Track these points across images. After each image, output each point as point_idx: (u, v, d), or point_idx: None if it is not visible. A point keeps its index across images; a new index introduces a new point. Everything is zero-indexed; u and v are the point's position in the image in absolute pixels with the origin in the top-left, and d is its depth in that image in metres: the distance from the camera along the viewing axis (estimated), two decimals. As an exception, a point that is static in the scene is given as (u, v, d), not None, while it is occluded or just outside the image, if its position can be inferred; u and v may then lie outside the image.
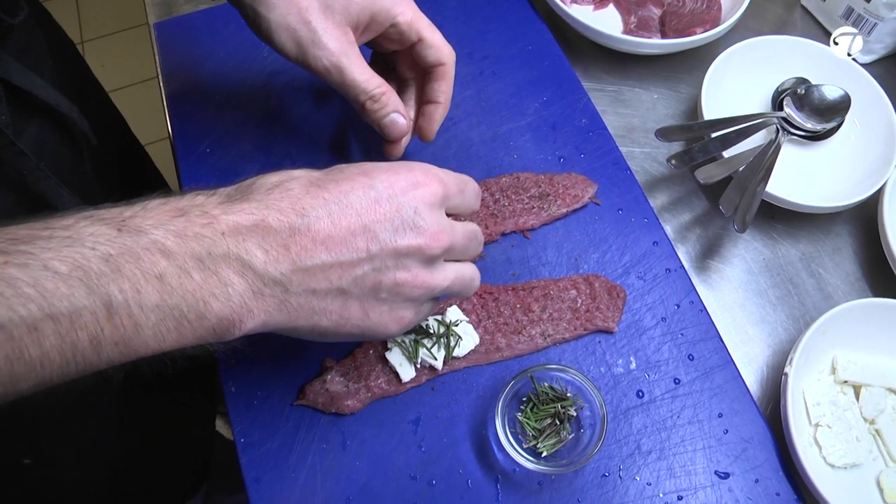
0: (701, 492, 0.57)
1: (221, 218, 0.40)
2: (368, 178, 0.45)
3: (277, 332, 0.45)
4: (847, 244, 0.71)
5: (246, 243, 0.40)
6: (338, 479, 0.57)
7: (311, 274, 0.42)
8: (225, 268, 0.40)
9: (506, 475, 0.58)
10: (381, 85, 0.59)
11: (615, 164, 0.71)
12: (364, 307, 0.45)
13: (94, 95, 0.74)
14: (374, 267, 0.44)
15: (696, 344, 0.63)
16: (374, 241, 0.43)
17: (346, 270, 0.43)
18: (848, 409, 0.62)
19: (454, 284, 0.49)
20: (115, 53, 2.11)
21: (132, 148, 0.89)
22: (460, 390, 0.61)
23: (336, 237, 0.42)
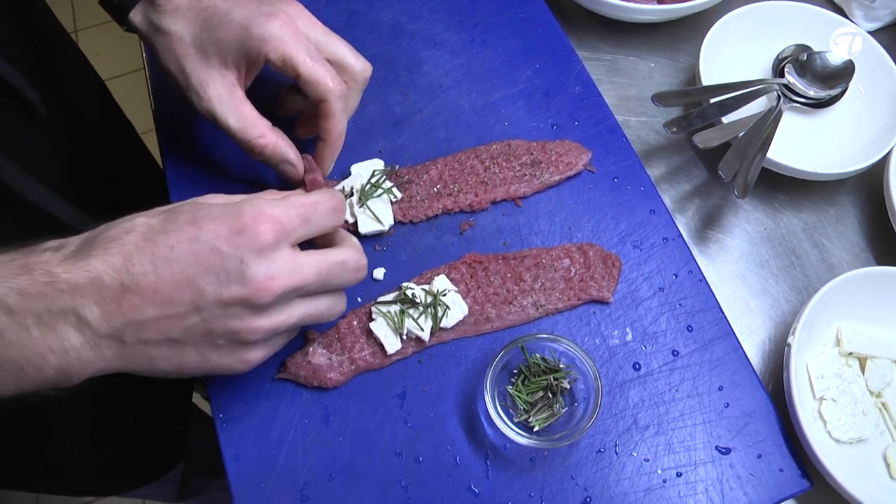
0: (701, 468, 0.55)
1: (62, 276, 0.41)
2: (195, 229, 0.44)
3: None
4: (851, 214, 0.69)
5: (83, 299, 0.41)
6: (320, 456, 0.54)
7: (143, 326, 0.43)
8: (63, 324, 0.41)
9: (496, 451, 0.55)
10: (262, 134, 0.55)
11: (611, 131, 0.68)
12: (201, 352, 0.46)
13: (55, 64, 0.71)
14: (202, 318, 0.44)
15: (694, 315, 0.60)
16: (198, 295, 0.43)
17: (174, 322, 0.44)
18: (853, 382, 0.59)
19: (303, 321, 0.48)
20: (109, 43, 2.08)
21: (112, 122, 0.86)
22: (448, 363, 0.58)
23: (162, 292, 0.43)
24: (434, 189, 0.63)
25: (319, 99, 0.56)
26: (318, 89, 0.55)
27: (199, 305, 0.43)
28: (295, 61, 0.54)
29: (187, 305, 0.43)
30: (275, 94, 0.63)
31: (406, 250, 0.62)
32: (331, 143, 0.58)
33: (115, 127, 0.88)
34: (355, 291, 0.60)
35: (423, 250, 0.62)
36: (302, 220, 0.47)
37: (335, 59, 0.57)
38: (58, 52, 0.73)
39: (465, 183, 0.64)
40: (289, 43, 0.53)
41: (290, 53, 0.53)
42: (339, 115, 0.56)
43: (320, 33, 0.57)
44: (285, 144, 0.57)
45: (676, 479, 0.54)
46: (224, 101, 0.55)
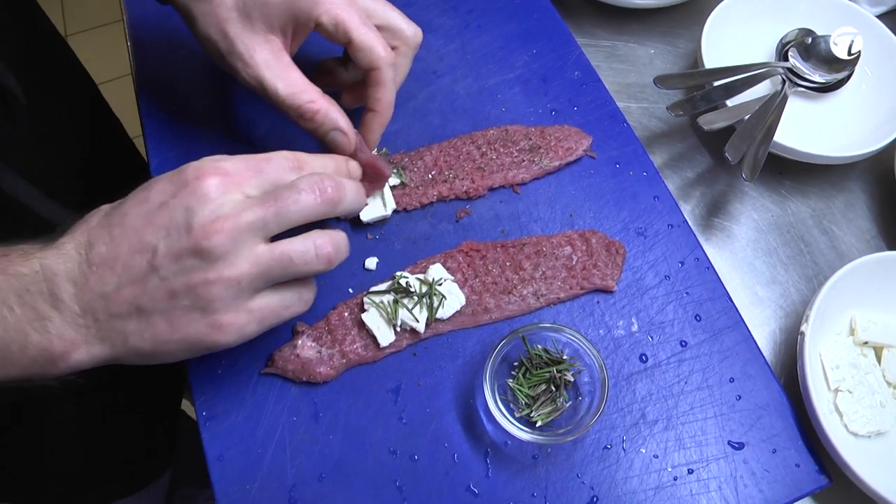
0: (713, 464, 0.52)
1: (36, 257, 0.42)
2: (145, 192, 0.44)
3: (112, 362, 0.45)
4: (860, 200, 0.66)
5: (57, 278, 0.42)
6: (309, 455, 0.51)
7: (110, 299, 0.43)
8: (41, 302, 0.42)
9: (496, 448, 0.52)
10: (313, 100, 0.52)
11: (611, 116, 0.66)
12: (170, 321, 0.43)
13: (39, 56, 0.68)
14: (160, 277, 0.43)
15: (702, 304, 0.57)
16: (152, 253, 0.43)
17: (136, 288, 0.43)
18: (870, 373, 0.57)
19: (272, 269, 0.44)
20: (99, 47, 2.06)
21: (100, 122, 0.83)
22: (445, 356, 0.55)
23: (119, 259, 0.43)
24: (429, 176, 0.61)
25: (370, 67, 0.52)
26: (371, 56, 0.52)
27: (155, 264, 0.42)
28: (347, 25, 0.51)
29: (144, 267, 0.42)
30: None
31: (400, 239, 0.59)
32: (381, 114, 0.55)
33: (104, 127, 0.85)
34: (346, 282, 0.57)
35: (418, 239, 0.59)
36: (253, 171, 0.45)
37: (386, 24, 0.55)
38: (43, 44, 0.70)
39: (461, 169, 0.61)
40: (341, 6, 0.51)
41: (343, 17, 0.51)
42: (390, 83, 0.53)
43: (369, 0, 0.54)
44: (337, 111, 0.53)
45: (688, 477, 0.51)
46: (272, 66, 0.52)
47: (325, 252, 0.45)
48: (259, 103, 0.65)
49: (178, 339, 0.44)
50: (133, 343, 0.43)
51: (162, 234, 0.42)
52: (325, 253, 0.45)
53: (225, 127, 0.64)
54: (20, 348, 0.41)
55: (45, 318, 0.42)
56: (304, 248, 0.45)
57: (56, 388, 0.67)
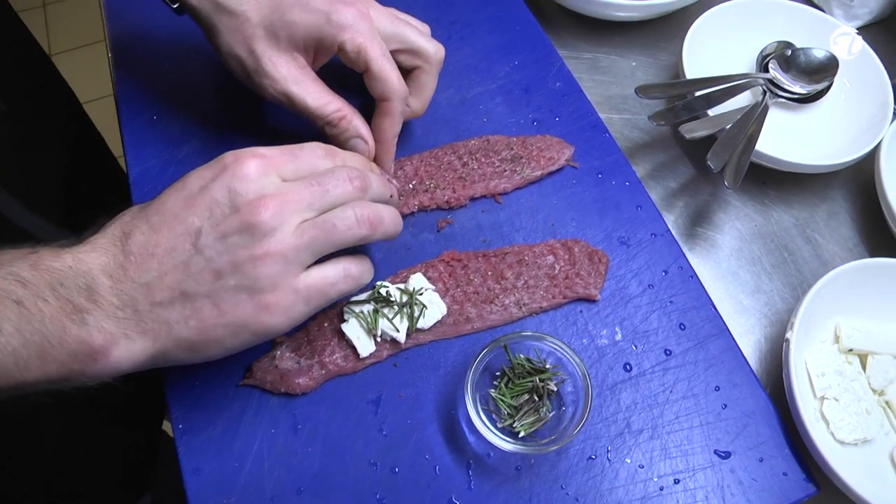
0: (700, 473, 0.51)
1: (66, 253, 0.42)
2: (182, 182, 0.45)
3: (157, 365, 0.44)
4: (843, 209, 0.66)
5: (91, 272, 0.41)
6: (288, 468, 0.50)
7: (151, 287, 0.42)
8: (77, 296, 0.41)
9: (478, 460, 0.51)
10: (339, 109, 0.54)
11: (593, 126, 0.66)
12: (216, 304, 0.43)
13: (19, 64, 0.68)
14: (205, 258, 0.43)
15: (687, 312, 0.57)
16: (196, 234, 0.43)
17: (180, 272, 0.42)
18: (855, 380, 0.56)
19: (317, 238, 0.45)
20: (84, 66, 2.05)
21: (82, 137, 0.82)
22: (426, 366, 0.54)
23: (160, 244, 0.42)
24: (409, 185, 0.60)
25: (383, 98, 0.55)
26: (385, 87, 0.54)
27: (200, 245, 0.42)
28: (368, 55, 0.53)
29: (188, 249, 0.42)
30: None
31: (380, 249, 0.58)
32: (385, 144, 0.56)
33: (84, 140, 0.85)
34: (326, 292, 0.56)
35: (399, 249, 0.59)
36: (289, 156, 0.46)
37: (407, 46, 0.57)
38: (23, 54, 0.70)
39: (443, 179, 0.60)
40: (365, 34, 0.53)
41: (365, 46, 0.53)
42: (398, 116, 0.55)
43: (388, 23, 0.56)
44: (360, 120, 0.56)
45: (674, 487, 0.51)
46: (299, 80, 0.54)
47: (366, 216, 0.46)
48: (240, 115, 0.65)
49: (225, 324, 0.43)
50: (178, 332, 0.43)
51: (205, 216, 0.43)
52: (367, 217, 0.46)
53: (206, 137, 0.64)
54: (59, 342, 0.39)
55: (83, 311, 0.40)
56: (344, 213, 0.46)
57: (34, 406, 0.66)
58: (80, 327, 0.40)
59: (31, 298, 0.39)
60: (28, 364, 0.39)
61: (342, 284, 0.47)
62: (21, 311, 0.38)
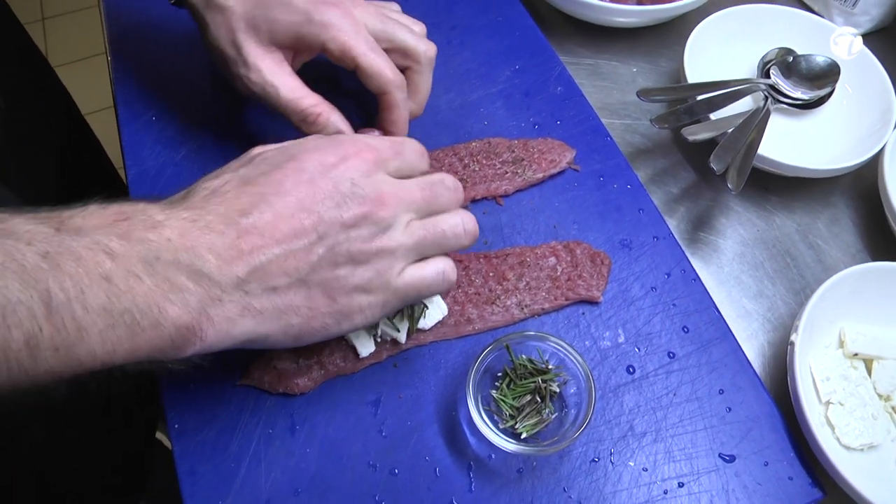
0: (704, 477, 0.50)
1: (166, 223, 0.38)
2: (297, 162, 0.43)
3: (243, 345, 0.42)
4: (845, 215, 0.66)
5: (195, 249, 0.38)
6: (285, 470, 0.49)
7: (268, 271, 0.40)
8: (177, 274, 0.37)
9: (480, 462, 0.50)
10: (315, 105, 0.54)
11: (594, 131, 0.65)
12: (328, 293, 0.43)
13: (17, 59, 0.68)
14: (327, 246, 0.42)
15: (690, 315, 0.56)
16: (320, 222, 0.42)
17: (301, 258, 0.41)
18: (861, 385, 0.55)
19: (425, 240, 0.46)
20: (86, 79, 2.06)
21: (73, 128, 0.82)
22: (426, 368, 0.53)
23: (283, 228, 0.41)
24: (410, 186, 0.60)
25: (380, 92, 0.54)
26: (379, 81, 0.54)
27: (323, 233, 0.41)
28: (354, 52, 0.53)
29: (311, 236, 0.41)
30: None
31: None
32: (397, 136, 0.56)
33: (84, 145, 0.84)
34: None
35: (400, 249, 0.58)
36: (394, 151, 0.46)
37: (395, 45, 0.56)
38: (21, 52, 0.70)
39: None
40: (348, 32, 0.53)
41: (350, 44, 0.52)
42: (402, 104, 0.55)
43: (377, 21, 0.55)
44: (337, 116, 0.55)
45: (678, 490, 0.50)
46: (275, 73, 0.53)
47: (472, 227, 0.47)
48: (238, 117, 0.65)
49: (333, 313, 0.43)
50: (287, 319, 0.42)
51: (330, 204, 0.42)
52: (472, 228, 0.47)
53: (204, 139, 0.63)
54: (152, 324, 0.36)
55: (183, 290, 0.37)
56: (454, 221, 0.47)
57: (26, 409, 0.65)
58: (180, 309, 0.37)
59: (121, 274, 0.35)
60: (116, 346, 0.36)
61: (436, 286, 0.47)
62: (109, 287, 0.35)
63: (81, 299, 0.34)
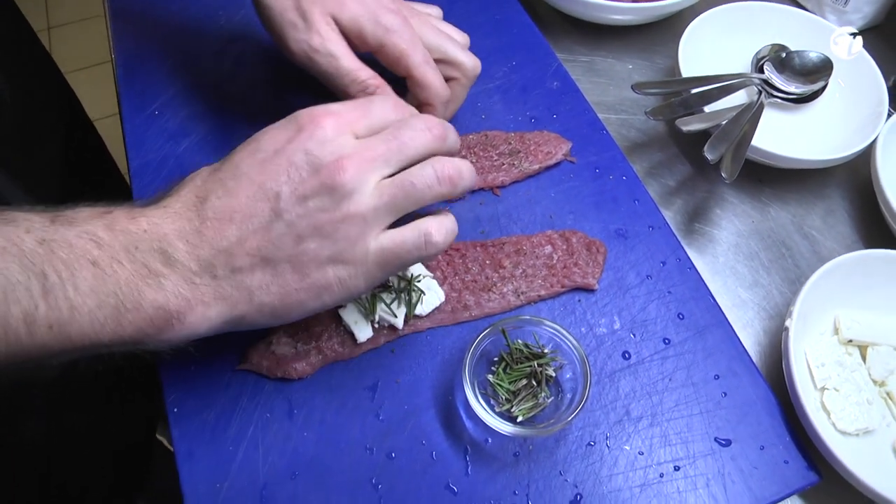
0: (700, 461, 0.50)
1: (141, 216, 0.41)
2: (255, 143, 0.44)
3: (226, 328, 0.43)
4: (840, 206, 0.67)
5: (167, 237, 0.40)
6: (282, 453, 0.49)
7: (230, 253, 0.41)
8: (153, 260, 0.40)
9: (476, 446, 0.50)
10: (373, 76, 0.55)
11: (590, 124, 0.66)
12: (297, 268, 0.42)
13: (23, 54, 0.69)
14: (286, 222, 0.42)
15: (685, 302, 0.57)
16: (275, 198, 0.42)
17: (260, 237, 0.41)
18: (855, 371, 0.56)
19: (396, 198, 0.43)
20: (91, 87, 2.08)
21: (76, 123, 0.83)
22: (423, 353, 0.54)
23: (238, 209, 0.41)
24: (408, 177, 0.60)
25: (426, 103, 0.56)
26: (428, 93, 0.56)
27: (279, 209, 0.41)
28: (410, 61, 0.55)
29: (267, 214, 0.41)
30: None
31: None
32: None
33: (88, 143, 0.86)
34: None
35: (397, 239, 0.59)
36: (361, 111, 0.45)
37: (446, 57, 0.58)
38: (25, 46, 0.71)
39: (441, 170, 0.61)
40: (407, 41, 0.55)
41: (407, 52, 0.54)
42: (440, 115, 0.56)
43: (432, 35, 0.58)
44: (390, 90, 0.56)
45: (674, 473, 0.50)
46: (337, 42, 0.54)
47: (446, 173, 0.45)
48: (239, 111, 0.65)
49: (306, 287, 0.43)
50: (259, 298, 0.42)
51: (283, 179, 0.42)
52: (447, 174, 0.45)
53: (206, 132, 0.64)
54: (134, 306, 0.38)
55: (159, 275, 0.39)
56: (423, 171, 0.44)
57: (23, 405, 0.66)
58: (157, 292, 0.39)
59: (107, 260, 0.38)
60: (103, 325, 0.38)
61: (418, 250, 0.44)
62: (96, 271, 0.37)
63: (73, 281, 0.37)
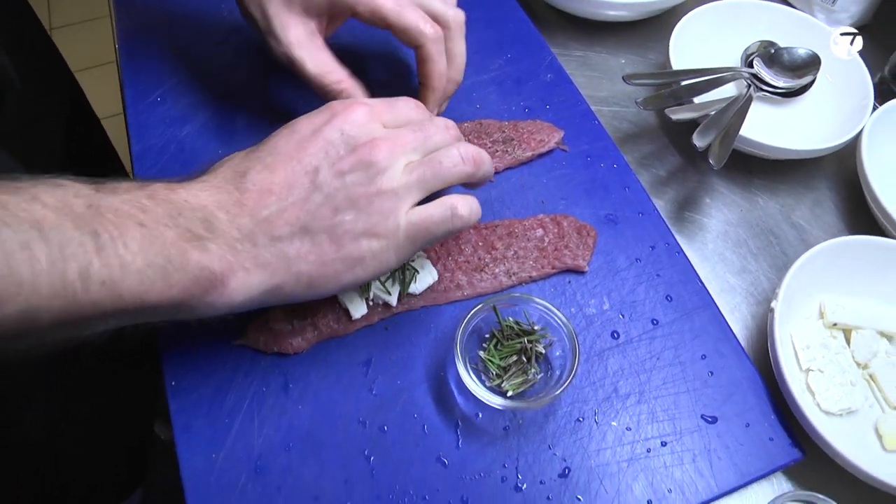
0: (687, 437, 0.51)
1: (180, 188, 0.42)
2: (290, 128, 0.47)
3: (262, 301, 0.45)
4: (827, 198, 0.68)
5: (207, 208, 0.42)
6: (277, 426, 0.50)
7: (271, 223, 0.43)
8: (196, 226, 0.41)
9: (467, 420, 0.51)
10: (339, 81, 0.56)
11: (583, 115, 0.68)
12: (333, 239, 0.44)
13: (31, 42, 0.71)
14: (324, 194, 0.44)
15: (674, 285, 0.58)
16: (314, 172, 0.44)
17: (299, 208, 0.44)
18: (840, 353, 0.57)
19: (425, 175, 0.46)
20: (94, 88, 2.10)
21: (80, 116, 0.85)
22: (417, 331, 0.55)
23: (279, 182, 0.44)
24: (404, 163, 0.62)
25: (415, 44, 0.56)
26: (412, 35, 0.55)
27: (318, 182, 0.44)
28: (382, 11, 0.55)
29: (307, 186, 0.44)
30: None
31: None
32: (433, 88, 0.58)
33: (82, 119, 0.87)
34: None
35: (392, 221, 0.60)
36: (387, 105, 0.48)
37: (425, 9, 0.57)
38: (30, 32, 0.73)
39: (436, 157, 0.62)
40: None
41: (377, 4, 0.54)
42: (437, 56, 0.57)
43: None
44: (361, 92, 0.57)
45: (661, 449, 0.51)
46: (303, 45, 0.55)
47: (470, 154, 0.48)
48: (241, 98, 0.67)
49: (342, 258, 0.45)
50: (297, 267, 0.44)
51: (322, 156, 0.44)
52: (470, 155, 0.48)
53: (206, 119, 0.66)
54: (181, 265, 0.40)
55: (203, 239, 0.41)
56: (451, 152, 0.48)
57: (25, 395, 0.67)
58: (202, 254, 0.41)
59: (153, 223, 0.39)
60: (153, 284, 0.39)
61: (446, 223, 0.47)
62: (144, 232, 0.39)
63: (122, 240, 0.38)
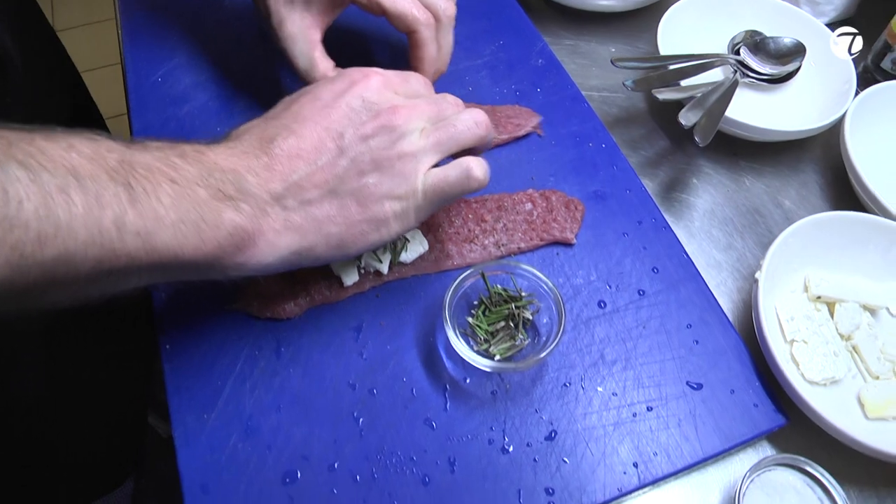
0: (672, 402, 0.52)
1: (209, 151, 0.43)
2: (311, 94, 0.48)
3: (298, 263, 0.46)
4: (813, 181, 0.69)
5: (237, 171, 0.43)
6: (268, 388, 0.51)
7: (300, 186, 0.44)
8: (227, 187, 0.42)
9: (455, 384, 0.52)
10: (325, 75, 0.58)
11: (573, 98, 0.69)
12: (359, 201, 0.46)
13: (32, 25, 0.72)
14: (350, 158, 0.46)
15: (660, 258, 0.59)
16: (339, 137, 0.46)
17: (327, 172, 0.45)
18: (823, 325, 0.58)
19: (441, 138, 0.49)
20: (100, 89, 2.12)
21: (83, 112, 0.86)
22: (407, 299, 0.56)
23: (306, 147, 0.45)
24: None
25: (409, 30, 0.58)
26: (406, 21, 0.57)
27: (344, 147, 0.46)
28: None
29: (333, 151, 0.45)
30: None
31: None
32: (423, 72, 0.59)
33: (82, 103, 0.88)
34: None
35: (384, 195, 0.61)
36: (401, 78, 0.51)
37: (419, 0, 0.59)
38: (31, 16, 0.74)
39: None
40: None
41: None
42: (430, 42, 0.58)
43: None
44: None
45: (647, 414, 0.52)
46: (298, 41, 0.57)
47: (483, 119, 0.50)
48: (240, 79, 0.69)
49: (368, 219, 0.47)
50: (327, 229, 0.46)
51: (346, 122, 0.46)
52: (483, 120, 0.50)
53: (206, 98, 0.67)
54: (214, 223, 0.41)
55: (235, 199, 0.42)
56: (464, 117, 0.50)
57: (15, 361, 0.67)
58: (234, 213, 0.42)
59: (185, 181, 0.40)
60: (186, 239, 0.40)
61: (461, 184, 0.49)
62: (177, 188, 0.39)
63: (156, 194, 0.38)
